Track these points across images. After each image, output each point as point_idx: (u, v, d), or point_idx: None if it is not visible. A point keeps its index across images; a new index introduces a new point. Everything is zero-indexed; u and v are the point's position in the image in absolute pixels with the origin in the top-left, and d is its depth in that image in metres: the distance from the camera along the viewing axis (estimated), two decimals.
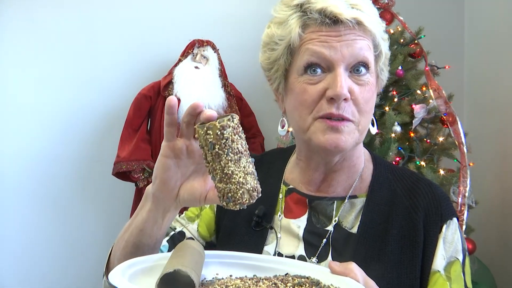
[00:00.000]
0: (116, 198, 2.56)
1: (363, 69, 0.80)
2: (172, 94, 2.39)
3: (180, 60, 2.46)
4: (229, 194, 0.63)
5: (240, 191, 0.63)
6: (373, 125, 0.87)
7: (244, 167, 0.63)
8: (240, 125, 0.64)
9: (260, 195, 0.65)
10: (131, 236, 0.76)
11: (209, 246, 0.97)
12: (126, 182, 2.40)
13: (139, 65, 2.66)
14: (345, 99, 0.78)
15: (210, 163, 0.63)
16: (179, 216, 0.99)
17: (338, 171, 0.88)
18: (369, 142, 1.94)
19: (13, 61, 2.59)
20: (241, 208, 0.64)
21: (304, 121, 0.81)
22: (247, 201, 0.63)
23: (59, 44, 2.61)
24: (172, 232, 0.95)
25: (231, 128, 0.62)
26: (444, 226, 0.83)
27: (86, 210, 2.63)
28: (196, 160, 0.71)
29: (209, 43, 2.48)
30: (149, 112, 2.46)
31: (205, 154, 0.64)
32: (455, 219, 0.85)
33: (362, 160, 0.91)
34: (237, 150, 0.62)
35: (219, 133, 0.61)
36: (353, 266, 0.66)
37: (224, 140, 0.61)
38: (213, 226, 0.97)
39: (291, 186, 0.93)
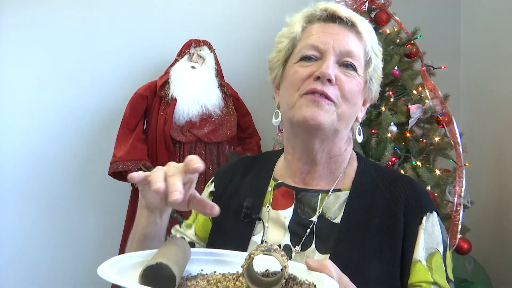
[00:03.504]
0: (112, 198, 2.56)
1: (350, 67, 0.89)
2: (168, 94, 2.39)
3: (176, 60, 2.46)
4: None
5: None
6: (359, 134, 0.96)
7: None
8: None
9: None
10: (139, 244, 0.85)
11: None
12: (123, 182, 2.39)
13: (136, 65, 2.65)
14: (330, 81, 0.86)
15: None
16: (179, 226, 1.07)
17: (320, 165, 0.94)
18: (365, 142, 1.94)
19: (10, 61, 2.58)
20: None
21: (292, 98, 0.89)
22: None
23: (56, 44, 2.61)
24: None
25: None
26: (424, 218, 0.88)
27: (83, 209, 2.63)
28: None
29: (205, 43, 2.48)
30: (146, 112, 2.46)
31: None
32: (435, 213, 0.90)
33: (346, 158, 0.97)
34: None
35: None
36: (327, 263, 0.69)
37: None
38: (209, 224, 1.01)
39: (279, 181, 0.98)
